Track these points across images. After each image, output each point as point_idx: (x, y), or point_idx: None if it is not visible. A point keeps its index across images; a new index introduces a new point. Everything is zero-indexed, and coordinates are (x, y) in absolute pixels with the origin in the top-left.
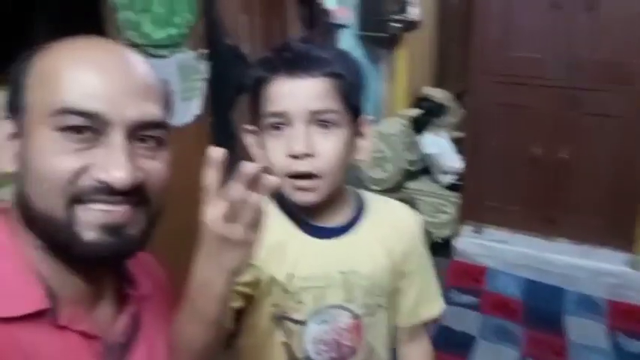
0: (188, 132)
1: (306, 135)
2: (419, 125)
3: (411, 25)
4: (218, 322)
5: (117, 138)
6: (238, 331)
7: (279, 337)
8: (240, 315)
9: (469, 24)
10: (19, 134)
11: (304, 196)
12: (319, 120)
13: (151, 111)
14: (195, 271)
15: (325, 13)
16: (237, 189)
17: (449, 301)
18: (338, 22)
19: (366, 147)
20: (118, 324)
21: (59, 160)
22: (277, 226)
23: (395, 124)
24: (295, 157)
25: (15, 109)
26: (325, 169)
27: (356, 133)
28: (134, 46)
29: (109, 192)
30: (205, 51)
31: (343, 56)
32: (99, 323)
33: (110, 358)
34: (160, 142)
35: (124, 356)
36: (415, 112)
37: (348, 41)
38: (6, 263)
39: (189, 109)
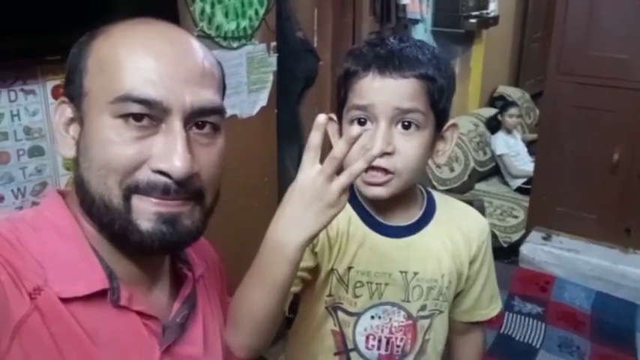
0: (254, 123)
1: (388, 133)
2: (493, 125)
3: (489, 21)
4: (285, 289)
5: (175, 126)
6: (293, 318)
7: (330, 325)
8: (295, 303)
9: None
10: (77, 119)
11: (375, 189)
12: (403, 120)
13: (209, 97)
14: (271, 233)
15: (399, 7)
16: (342, 148)
17: (512, 309)
18: (411, 16)
19: (446, 151)
20: (175, 304)
21: (119, 149)
22: (343, 217)
23: (465, 123)
24: None
25: (73, 94)
26: (401, 168)
27: (438, 136)
28: (206, 36)
29: (164, 187)
30: (275, 44)
31: (437, 58)
32: (156, 303)
33: (168, 337)
34: (215, 128)
35: (181, 335)
36: (490, 111)
37: (420, 36)
38: (66, 244)
39: (256, 101)
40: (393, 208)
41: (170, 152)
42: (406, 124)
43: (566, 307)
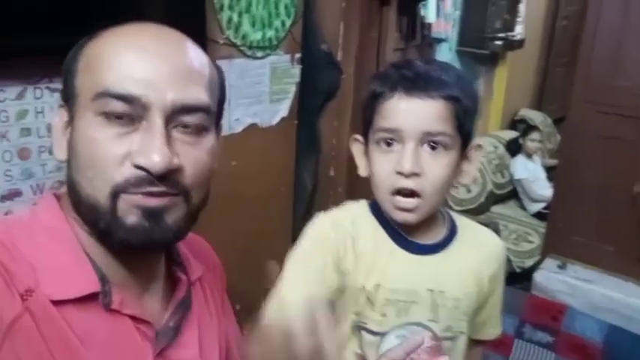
0: (274, 133)
1: (416, 154)
2: (513, 148)
3: (514, 44)
4: None
5: (155, 122)
6: None
7: (354, 347)
8: None
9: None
10: (70, 122)
11: (404, 215)
12: (430, 141)
13: (193, 95)
14: None
15: (424, 25)
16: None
17: (522, 336)
18: (436, 35)
19: (471, 171)
20: (168, 308)
21: (103, 147)
22: (371, 234)
23: (485, 145)
24: (402, 174)
25: (67, 97)
26: (429, 189)
27: (463, 156)
28: (231, 45)
29: (148, 181)
30: (299, 55)
31: (462, 80)
32: (149, 307)
33: (161, 341)
34: (201, 129)
35: (175, 339)
36: (510, 134)
37: (445, 55)
38: (59, 247)
39: (277, 111)
40: (420, 226)
41: (148, 147)
42: (433, 145)
43: (577, 339)
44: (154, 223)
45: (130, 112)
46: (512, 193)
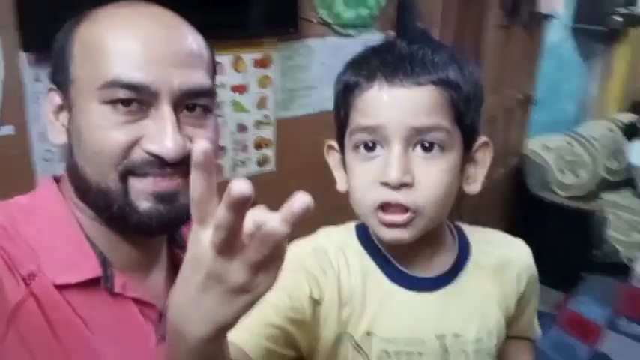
0: None
1: (404, 158)
2: (631, 132)
3: (637, 20)
4: None
5: (165, 109)
6: None
7: None
8: None
9: None
10: (66, 106)
11: (394, 232)
12: (423, 141)
13: (198, 79)
14: (170, 307)
15: (531, 1)
16: (224, 216)
17: (615, 328)
18: (546, 11)
19: (479, 176)
20: (171, 290)
21: (110, 134)
22: (357, 267)
23: (599, 128)
24: (388, 185)
25: (60, 82)
26: (424, 204)
27: (467, 158)
28: (324, 24)
29: (159, 165)
30: (393, 33)
31: (458, 60)
32: (153, 290)
33: (165, 323)
34: (207, 110)
35: None
36: (629, 117)
37: (557, 33)
38: (60, 231)
39: None
40: (419, 253)
41: (161, 135)
42: (427, 145)
43: None
44: (169, 206)
45: (138, 100)
46: (628, 181)
